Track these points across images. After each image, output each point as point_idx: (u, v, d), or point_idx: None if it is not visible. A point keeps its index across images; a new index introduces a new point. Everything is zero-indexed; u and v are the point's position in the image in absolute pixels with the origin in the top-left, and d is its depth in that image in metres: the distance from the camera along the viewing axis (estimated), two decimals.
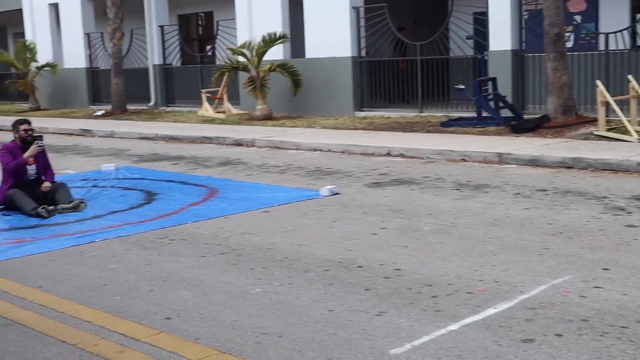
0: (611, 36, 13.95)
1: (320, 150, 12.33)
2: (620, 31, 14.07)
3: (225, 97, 18.23)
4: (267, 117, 16.76)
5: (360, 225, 6.87)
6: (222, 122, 17.18)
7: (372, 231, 6.62)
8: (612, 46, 13.94)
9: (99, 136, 16.68)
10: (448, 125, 13.58)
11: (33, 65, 23.86)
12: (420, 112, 15.58)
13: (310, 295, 4.90)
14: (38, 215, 7.63)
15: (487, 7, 14.72)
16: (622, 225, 6.45)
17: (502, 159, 10.23)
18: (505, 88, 14.09)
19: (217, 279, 5.37)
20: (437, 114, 15.07)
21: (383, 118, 15.51)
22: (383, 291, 4.93)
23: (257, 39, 16.96)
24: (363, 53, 16.77)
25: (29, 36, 25.12)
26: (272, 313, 4.59)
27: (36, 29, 25.05)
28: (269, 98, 17.15)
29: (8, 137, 9.78)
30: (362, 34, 16.52)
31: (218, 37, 20.02)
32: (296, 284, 5.16)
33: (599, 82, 11.58)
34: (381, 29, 16.14)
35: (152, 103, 21.35)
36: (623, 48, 14.14)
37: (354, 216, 7.29)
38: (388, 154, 11.40)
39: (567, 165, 9.58)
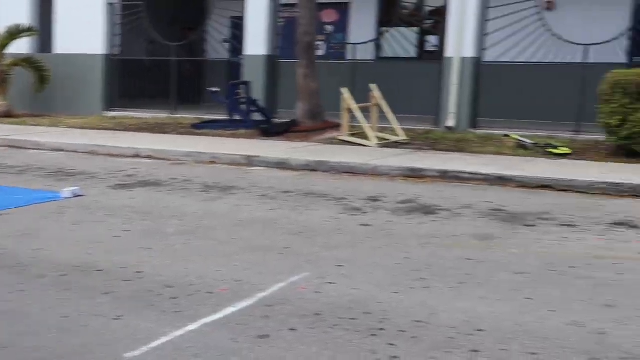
0: (358, 47, 14.80)
1: (65, 151, 11.79)
2: (366, 42, 14.96)
3: None
4: (7, 115, 15.74)
5: (103, 228, 6.64)
6: None
7: (114, 234, 6.43)
8: (358, 56, 14.79)
9: None
10: (199, 127, 13.60)
11: None
12: (173, 114, 15.46)
13: (44, 302, 4.64)
14: None
15: (244, 12, 14.97)
16: (357, 224, 6.84)
17: (250, 161, 10.43)
18: (259, 92, 14.42)
19: None
20: (190, 116, 15.06)
21: (134, 119, 15.17)
22: (122, 294, 4.79)
23: (1, 30, 15.89)
24: (117, 51, 16.32)
25: None
26: None
27: None
28: (11, 94, 16.12)
29: None
30: (117, 31, 16.08)
31: None
32: (28, 291, 4.86)
33: (344, 90, 12.20)
34: (138, 27, 15.80)
35: None
36: (368, 58, 15.04)
37: (97, 218, 7.04)
38: (136, 155, 11.17)
39: (312, 168, 10.00)
